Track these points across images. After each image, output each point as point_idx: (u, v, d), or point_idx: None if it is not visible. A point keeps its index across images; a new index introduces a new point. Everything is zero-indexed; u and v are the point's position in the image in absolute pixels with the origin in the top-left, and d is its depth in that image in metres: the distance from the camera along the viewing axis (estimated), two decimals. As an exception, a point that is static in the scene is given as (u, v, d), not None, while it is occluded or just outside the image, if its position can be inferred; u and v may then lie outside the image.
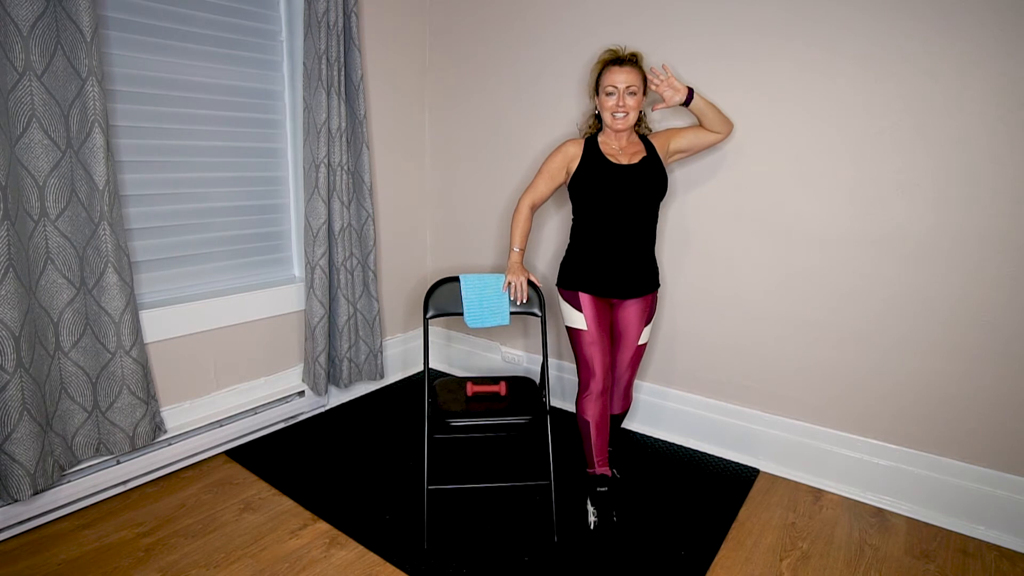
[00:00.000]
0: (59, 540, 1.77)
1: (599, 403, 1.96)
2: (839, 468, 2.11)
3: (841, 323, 2.05)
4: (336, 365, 2.59)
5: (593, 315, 1.97)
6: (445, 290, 1.98)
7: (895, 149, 1.87)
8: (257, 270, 2.45)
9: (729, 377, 2.32)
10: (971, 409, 1.88)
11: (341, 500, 1.99)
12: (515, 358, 2.91)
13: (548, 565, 1.71)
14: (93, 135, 1.71)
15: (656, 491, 2.09)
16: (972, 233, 1.80)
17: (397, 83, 2.81)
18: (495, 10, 2.67)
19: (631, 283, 1.98)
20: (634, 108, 1.89)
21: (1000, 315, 1.79)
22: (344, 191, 2.43)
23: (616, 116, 1.90)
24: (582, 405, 1.98)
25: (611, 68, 1.89)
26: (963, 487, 1.91)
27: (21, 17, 1.56)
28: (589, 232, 1.98)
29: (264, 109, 2.37)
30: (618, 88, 1.87)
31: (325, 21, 2.24)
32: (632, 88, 1.87)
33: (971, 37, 1.72)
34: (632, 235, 1.95)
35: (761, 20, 2.03)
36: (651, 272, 2.02)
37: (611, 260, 1.96)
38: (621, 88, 1.87)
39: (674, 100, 1.93)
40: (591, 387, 1.96)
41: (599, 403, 1.96)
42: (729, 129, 1.98)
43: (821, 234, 2.04)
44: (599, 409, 1.96)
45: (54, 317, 1.75)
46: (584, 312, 1.97)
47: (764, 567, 1.73)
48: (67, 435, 1.83)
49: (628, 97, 1.88)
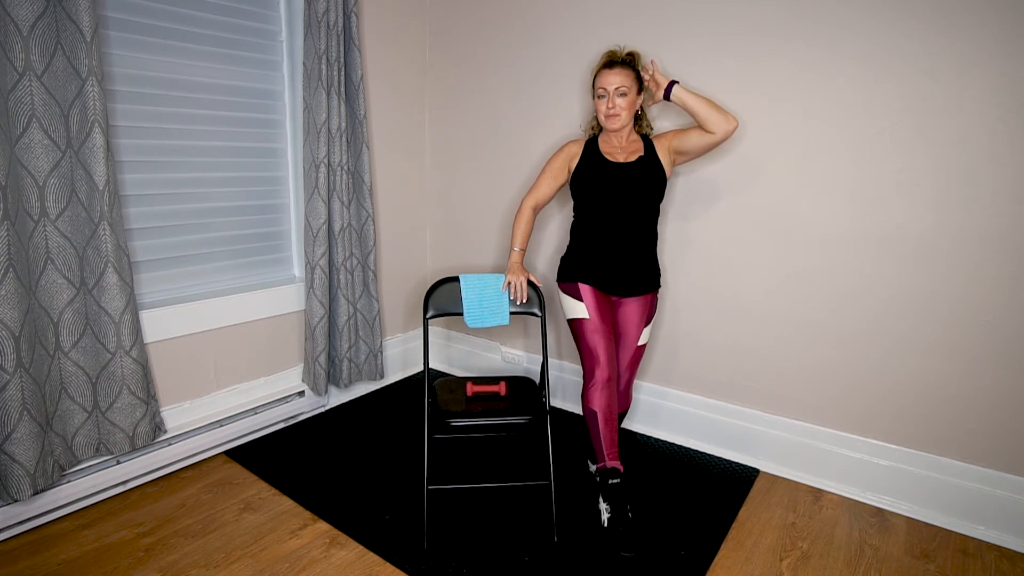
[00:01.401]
0: (59, 540, 1.77)
1: (605, 392, 1.91)
2: (839, 468, 2.11)
3: (841, 323, 2.05)
4: (336, 365, 2.59)
5: (594, 304, 1.97)
6: (445, 290, 1.98)
7: (895, 149, 1.87)
8: (257, 270, 2.45)
9: (729, 377, 2.32)
10: (971, 409, 1.88)
11: (341, 500, 1.99)
12: (515, 358, 2.91)
13: (548, 565, 1.71)
14: (93, 135, 1.71)
15: (656, 491, 2.09)
16: (972, 233, 1.80)
17: (397, 83, 2.81)
18: (495, 10, 2.67)
19: (629, 281, 1.98)
20: (625, 109, 1.91)
21: (1000, 315, 1.79)
22: (344, 191, 2.43)
23: (608, 117, 1.93)
24: (588, 396, 1.93)
25: (603, 71, 1.93)
26: (963, 487, 1.91)
27: (21, 17, 1.56)
28: (588, 229, 2.00)
29: (264, 109, 2.37)
30: (608, 90, 1.91)
31: (325, 21, 2.24)
32: (622, 89, 1.89)
33: (971, 37, 1.72)
34: (629, 233, 1.95)
35: (761, 20, 2.03)
36: (650, 271, 2.02)
37: (609, 257, 1.97)
38: (611, 90, 1.90)
39: (658, 95, 1.93)
40: (596, 376, 1.92)
41: (605, 392, 1.91)
42: (726, 128, 1.83)
43: (821, 234, 2.04)
44: (606, 399, 1.90)
45: (54, 317, 1.75)
46: (585, 301, 1.97)
47: (764, 567, 1.73)
48: (67, 435, 1.83)
49: (618, 98, 1.90)
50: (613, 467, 1.87)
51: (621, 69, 1.90)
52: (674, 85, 1.86)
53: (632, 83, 1.90)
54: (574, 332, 2.01)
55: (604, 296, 2.01)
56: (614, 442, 1.91)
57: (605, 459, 1.89)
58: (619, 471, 1.87)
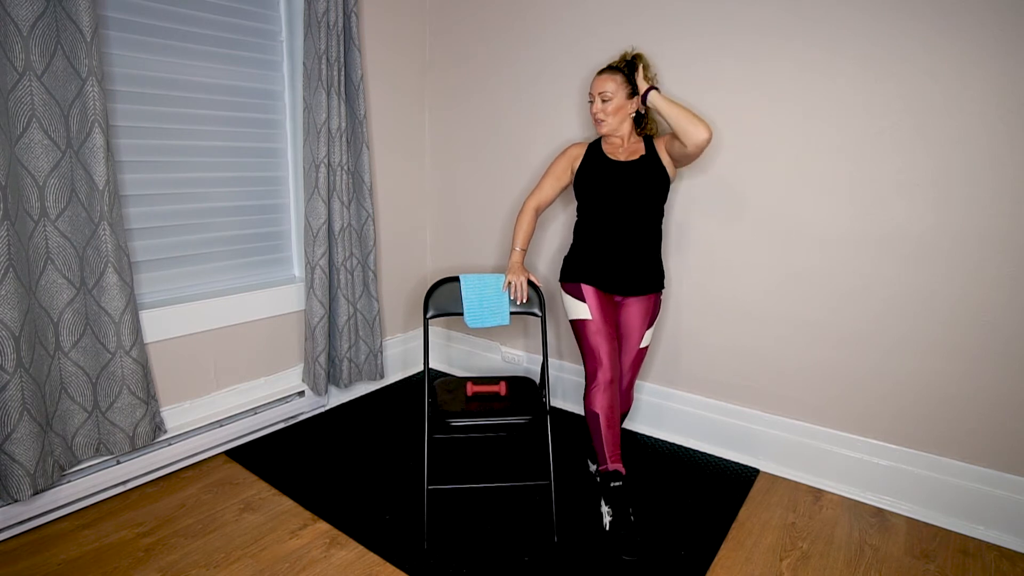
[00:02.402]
0: (59, 540, 1.77)
1: (607, 394, 1.89)
2: (839, 468, 2.11)
3: (841, 323, 2.05)
4: (336, 365, 2.59)
5: (597, 304, 1.97)
6: (445, 290, 1.98)
7: (895, 149, 1.87)
8: (257, 270, 2.45)
9: (729, 377, 2.32)
10: (971, 409, 1.88)
11: (341, 500, 1.99)
12: (515, 358, 2.91)
13: (548, 565, 1.71)
14: (93, 135, 1.71)
15: (656, 491, 2.09)
16: (972, 233, 1.80)
17: (397, 83, 2.81)
18: (495, 10, 2.67)
19: (631, 280, 1.98)
20: (611, 114, 1.94)
21: (1000, 315, 1.79)
22: (344, 191, 2.43)
23: (595, 122, 1.98)
24: (590, 397, 1.91)
25: (595, 76, 1.97)
26: (963, 487, 1.91)
27: (21, 17, 1.56)
28: (590, 228, 2.01)
29: (264, 109, 2.37)
30: (595, 95, 1.95)
31: (325, 21, 2.24)
32: (606, 95, 1.92)
33: (971, 37, 1.72)
34: (631, 231, 1.96)
35: (761, 20, 2.03)
36: (653, 272, 2.02)
37: (611, 255, 1.97)
38: (596, 95, 1.94)
39: (638, 99, 1.95)
40: (599, 377, 1.91)
41: (607, 394, 1.89)
42: (696, 139, 1.76)
43: (821, 234, 2.04)
44: (608, 400, 1.89)
45: (54, 317, 1.75)
46: (588, 302, 1.97)
47: (764, 567, 1.73)
48: (67, 435, 1.83)
49: (602, 103, 1.94)
50: (615, 470, 1.86)
51: (611, 75, 1.93)
52: (651, 91, 1.87)
53: (619, 88, 1.92)
54: (576, 333, 2.01)
55: (607, 297, 2.01)
56: (616, 444, 1.89)
57: (607, 462, 1.87)
58: (621, 474, 1.86)
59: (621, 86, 1.92)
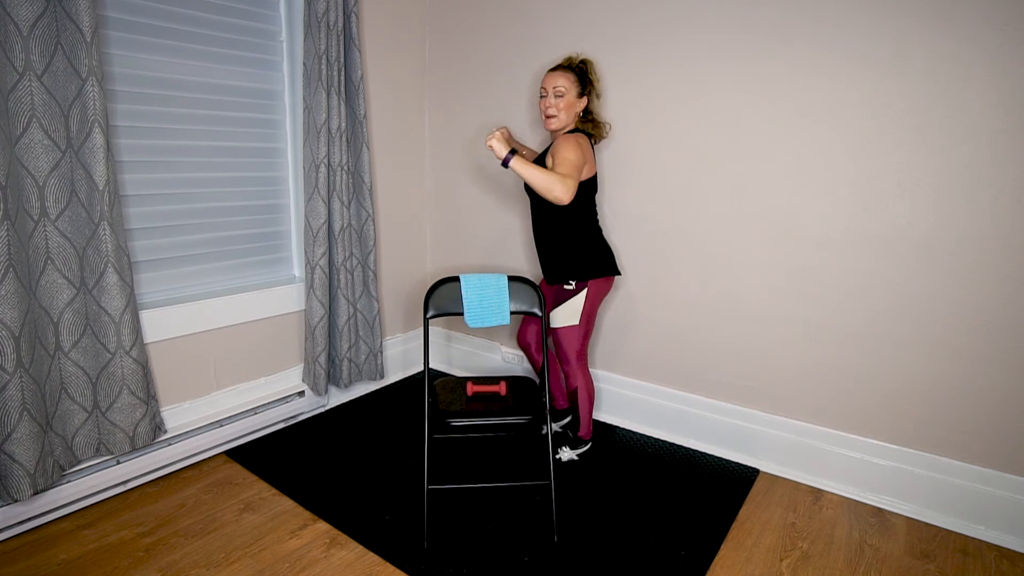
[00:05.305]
0: (59, 540, 1.77)
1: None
2: (839, 468, 2.11)
3: (841, 323, 2.05)
4: (336, 365, 2.59)
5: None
6: (445, 290, 1.98)
7: (895, 149, 1.87)
8: (257, 270, 2.45)
9: (729, 377, 2.32)
10: (971, 409, 1.88)
11: (341, 500, 1.99)
12: (515, 358, 2.91)
13: (548, 565, 1.71)
14: (93, 135, 1.71)
15: (656, 491, 2.09)
16: (973, 233, 1.80)
17: (397, 83, 2.81)
18: (495, 10, 2.67)
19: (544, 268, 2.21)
20: (563, 110, 1.98)
21: (1001, 315, 1.79)
22: (344, 191, 2.43)
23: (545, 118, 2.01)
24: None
25: (546, 74, 2.00)
26: (963, 487, 1.91)
27: (21, 17, 1.56)
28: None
29: (264, 109, 2.37)
30: (548, 90, 1.98)
31: (325, 21, 2.23)
32: (559, 89, 1.95)
33: (971, 37, 1.72)
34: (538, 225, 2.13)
35: (761, 20, 2.03)
36: (554, 265, 2.11)
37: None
38: (550, 89, 1.97)
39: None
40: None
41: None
42: (550, 199, 1.84)
43: (821, 234, 2.04)
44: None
45: (54, 317, 1.75)
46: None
47: (764, 567, 1.73)
48: (67, 435, 1.83)
49: (556, 99, 1.97)
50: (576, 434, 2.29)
51: (564, 72, 1.96)
52: (511, 156, 1.85)
53: (572, 85, 1.96)
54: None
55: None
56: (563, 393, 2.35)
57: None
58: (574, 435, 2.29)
59: (574, 84, 1.96)
